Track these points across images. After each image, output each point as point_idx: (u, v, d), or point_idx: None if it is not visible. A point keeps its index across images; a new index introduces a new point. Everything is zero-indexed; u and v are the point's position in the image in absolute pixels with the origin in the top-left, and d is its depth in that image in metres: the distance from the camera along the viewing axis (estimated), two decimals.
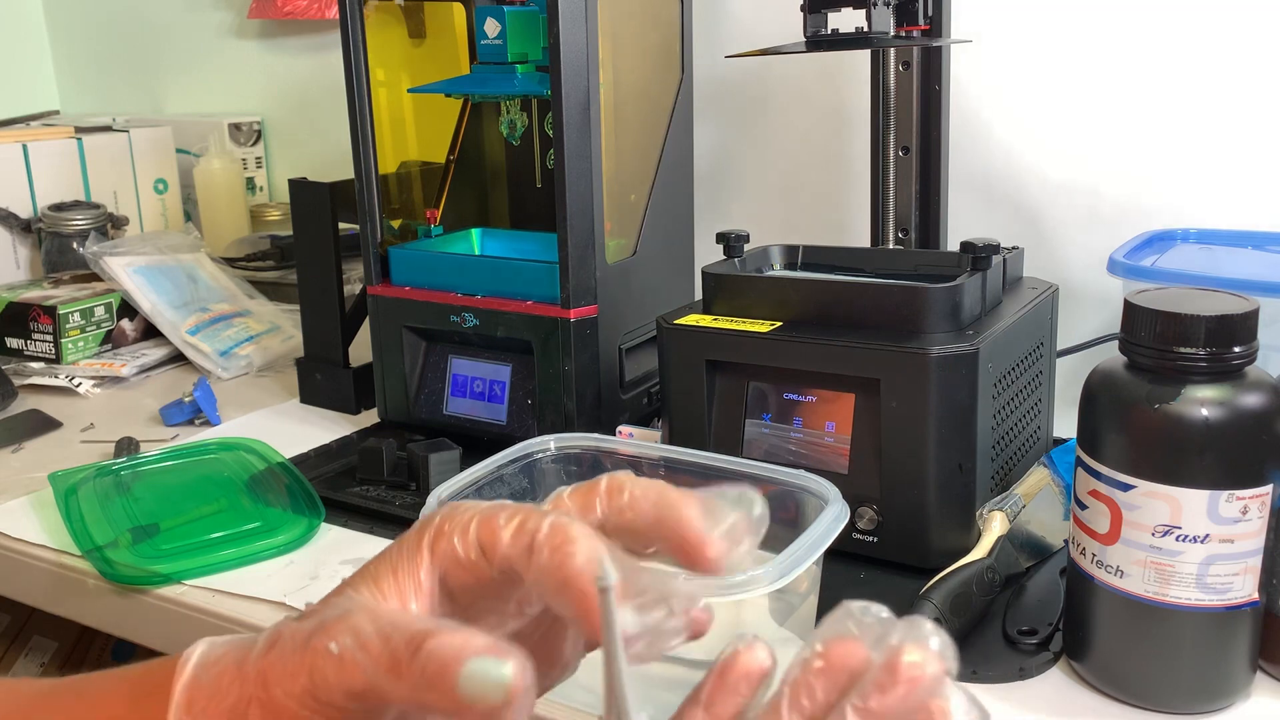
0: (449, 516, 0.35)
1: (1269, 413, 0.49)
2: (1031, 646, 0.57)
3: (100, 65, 1.64)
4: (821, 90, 1.02)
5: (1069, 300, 0.84)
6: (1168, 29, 0.87)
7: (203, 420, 0.95)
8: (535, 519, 0.34)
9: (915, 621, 0.31)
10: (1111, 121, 0.90)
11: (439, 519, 0.35)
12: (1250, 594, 0.50)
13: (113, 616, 0.69)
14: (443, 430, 0.85)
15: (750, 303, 0.70)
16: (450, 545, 0.34)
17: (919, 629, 0.31)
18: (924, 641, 0.31)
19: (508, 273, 0.84)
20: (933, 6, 0.77)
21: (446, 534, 0.35)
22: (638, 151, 0.86)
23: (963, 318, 0.66)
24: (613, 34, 0.80)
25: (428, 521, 0.35)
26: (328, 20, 1.36)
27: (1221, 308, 0.49)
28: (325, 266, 0.95)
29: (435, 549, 0.35)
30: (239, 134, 1.46)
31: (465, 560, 0.34)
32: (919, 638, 0.31)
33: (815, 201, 1.04)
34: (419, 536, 0.35)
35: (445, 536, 0.35)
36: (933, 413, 0.62)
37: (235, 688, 0.33)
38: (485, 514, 0.35)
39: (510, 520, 0.34)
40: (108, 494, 0.76)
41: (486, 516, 0.34)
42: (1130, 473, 0.50)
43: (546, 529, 0.33)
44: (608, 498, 0.37)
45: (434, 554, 0.35)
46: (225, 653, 0.34)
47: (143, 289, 1.12)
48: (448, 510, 0.36)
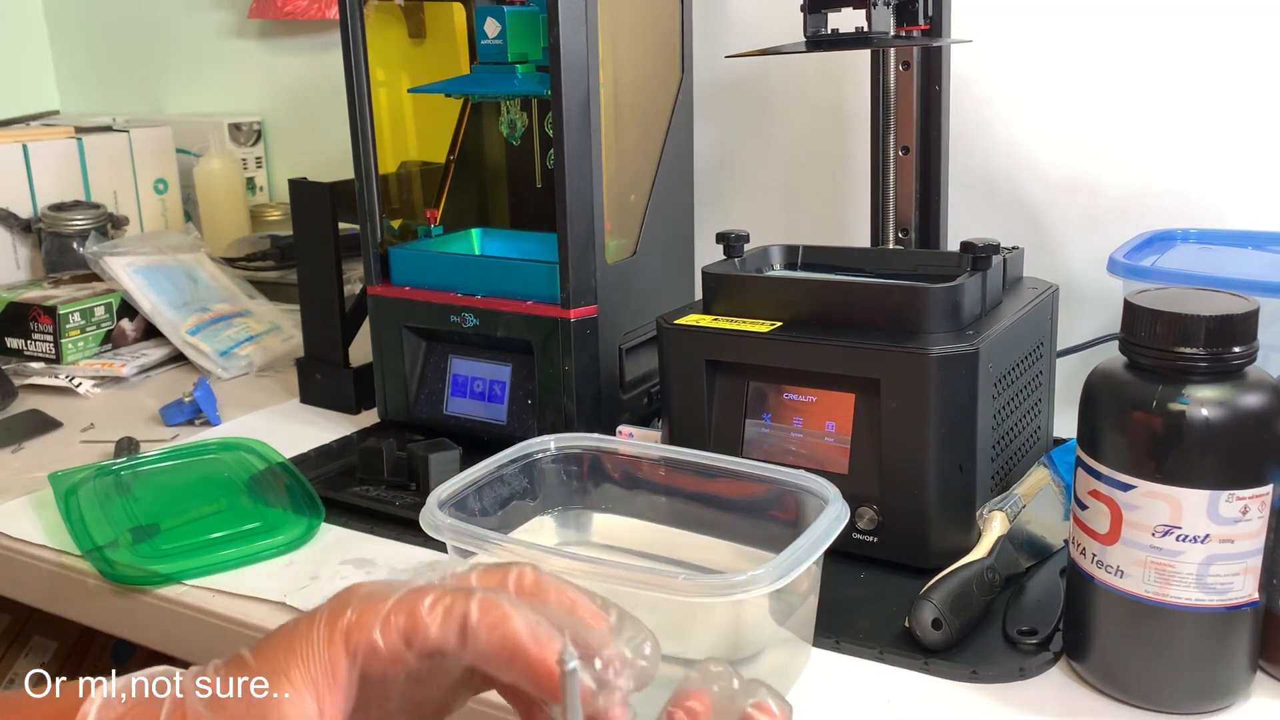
0: (363, 607, 0.35)
1: (1269, 413, 0.49)
2: (1032, 647, 0.57)
3: (100, 65, 1.64)
4: (821, 90, 1.02)
5: (1069, 300, 0.84)
6: (1168, 29, 0.87)
7: (203, 420, 0.95)
8: (460, 601, 0.34)
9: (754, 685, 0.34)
10: (1111, 121, 0.90)
11: (352, 611, 0.35)
12: (1250, 594, 0.50)
13: (113, 616, 0.69)
14: (443, 430, 0.85)
15: (750, 303, 0.70)
16: (369, 637, 0.34)
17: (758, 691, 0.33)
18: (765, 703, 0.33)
19: (508, 273, 0.84)
20: (933, 6, 0.77)
21: (364, 626, 0.35)
22: (638, 151, 0.86)
23: (963, 318, 0.66)
24: (613, 34, 0.80)
25: (337, 610, 0.35)
26: (328, 20, 1.36)
27: (1222, 308, 0.49)
28: (325, 266, 0.95)
29: (351, 640, 0.34)
30: (239, 134, 1.46)
31: (387, 652, 0.34)
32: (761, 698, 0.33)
33: (815, 201, 1.04)
34: (330, 627, 0.35)
35: (363, 629, 0.34)
36: (933, 413, 0.62)
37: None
38: (405, 603, 0.35)
39: (435, 606, 0.34)
40: (108, 494, 0.76)
41: (407, 605, 0.34)
42: (1130, 473, 0.50)
43: (476, 609, 0.34)
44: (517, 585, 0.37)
45: (349, 645, 0.34)
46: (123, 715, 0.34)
47: (143, 289, 1.12)
48: (359, 599, 0.35)
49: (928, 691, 0.55)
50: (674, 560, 0.61)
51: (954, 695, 0.54)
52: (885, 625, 0.60)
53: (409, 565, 0.68)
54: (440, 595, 0.35)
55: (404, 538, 0.71)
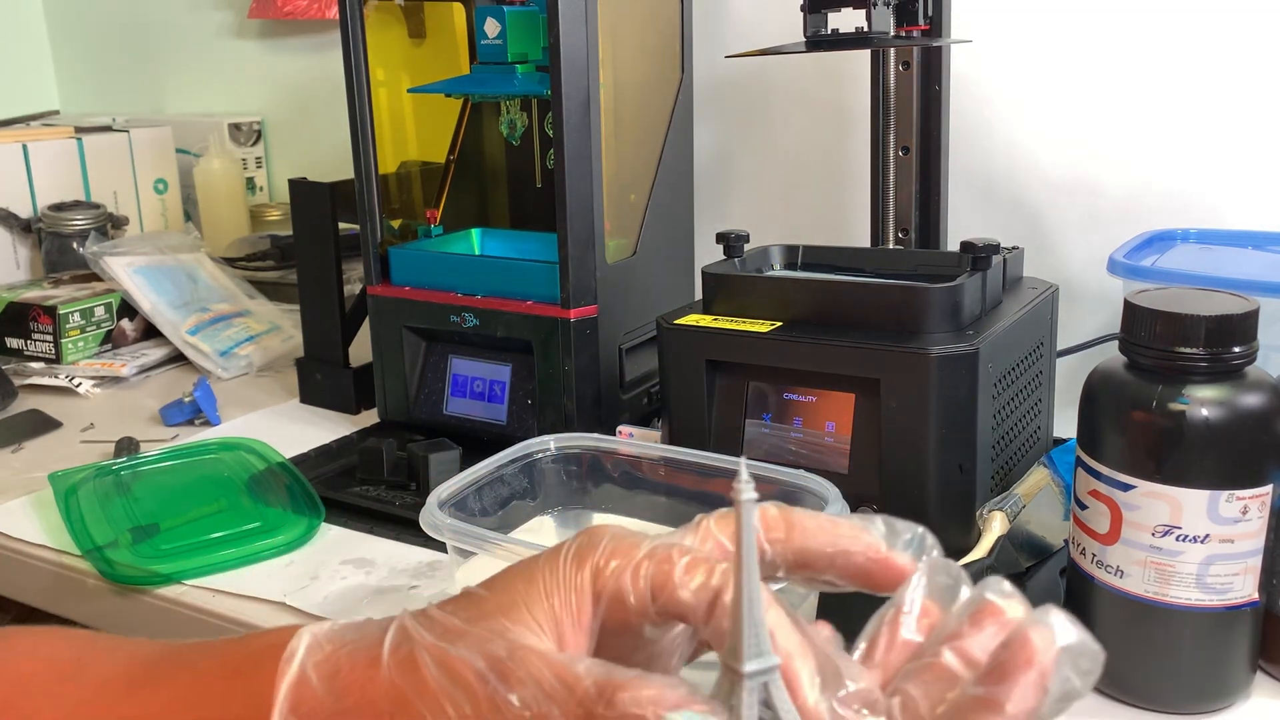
0: (615, 550, 0.33)
1: (1269, 413, 0.49)
2: None
3: (100, 65, 1.64)
4: (821, 90, 1.02)
5: (1069, 300, 0.84)
6: (1168, 28, 0.87)
7: (203, 420, 0.95)
8: (718, 574, 0.31)
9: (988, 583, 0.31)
10: (1112, 121, 0.90)
11: (603, 553, 0.33)
12: (1250, 594, 0.50)
13: (113, 617, 0.69)
14: (443, 430, 0.85)
15: (750, 303, 0.70)
16: (618, 585, 0.32)
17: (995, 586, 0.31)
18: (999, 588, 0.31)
19: (508, 273, 0.84)
20: (933, 6, 0.77)
21: (614, 572, 0.32)
22: (638, 151, 0.86)
23: (963, 318, 0.66)
24: (613, 34, 0.80)
25: (588, 548, 0.33)
26: (328, 20, 1.36)
27: (1221, 308, 0.49)
28: (325, 266, 0.95)
29: (599, 584, 0.32)
30: (239, 134, 1.46)
31: (632, 604, 0.32)
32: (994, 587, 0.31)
33: (815, 201, 1.04)
34: (578, 566, 0.32)
35: (613, 575, 0.32)
36: (933, 413, 0.62)
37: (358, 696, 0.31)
38: (658, 555, 0.32)
39: (692, 569, 0.32)
40: (108, 494, 0.76)
41: (660, 558, 0.32)
42: (1130, 473, 0.50)
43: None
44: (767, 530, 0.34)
45: (597, 590, 0.32)
46: (339, 653, 0.33)
47: (143, 289, 1.12)
48: (611, 539, 0.33)
49: None
50: None
51: None
52: None
53: (408, 566, 0.68)
54: (697, 559, 0.32)
55: (404, 538, 0.71)
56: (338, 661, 0.33)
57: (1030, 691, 0.27)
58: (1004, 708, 0.27)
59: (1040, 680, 0.27)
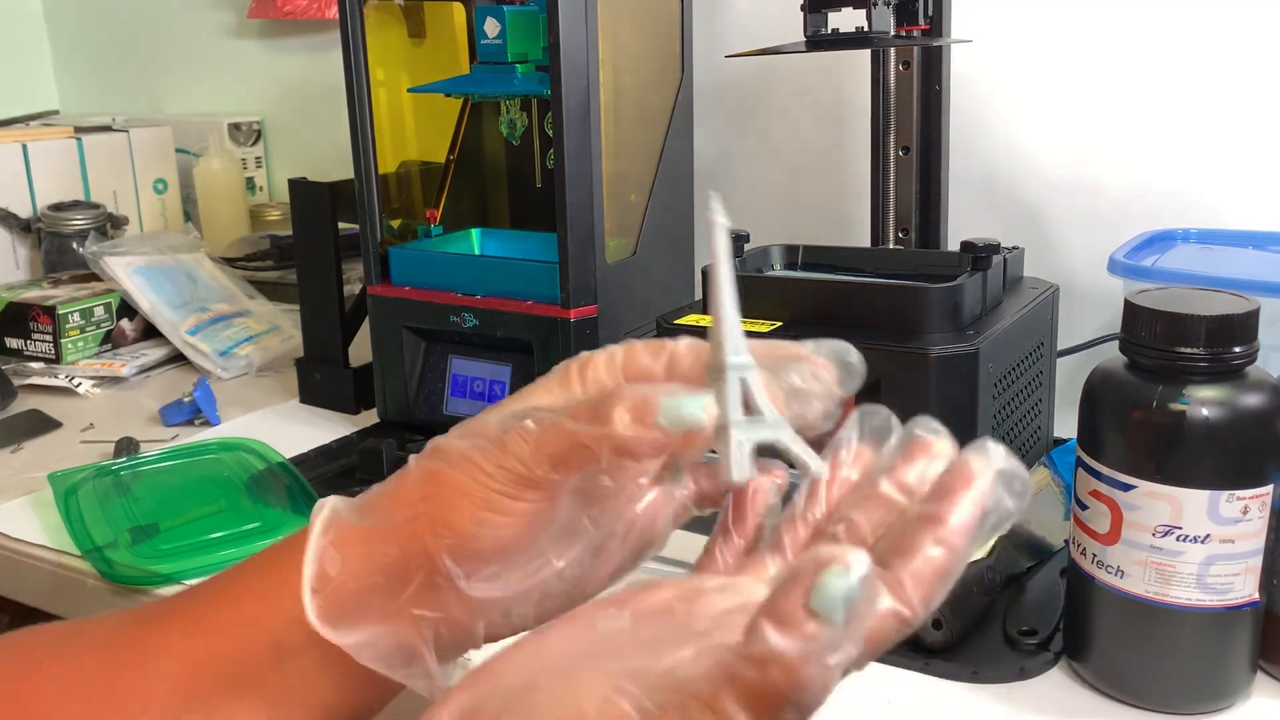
0: (590, 354, 0.36)
1: (1269, 413, 0.48)
2: (1032, 647, 0.57)
3: (100, 65, 1.64)
4: (822, 90, 1.02)
5: (1069, 300, 0.84)
6: (1169, 27, 0.87)
7: (202, 420, 0.95)
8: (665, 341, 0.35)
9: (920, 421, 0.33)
10: (1112, 121, 0.90)
11: (582, 356, 0.36)
12: (1251, 594, 0.50)
13: None
14: (443, 430, 0.83)
15: (751, 303, 0.70)
16: (596, 373, 0.35)
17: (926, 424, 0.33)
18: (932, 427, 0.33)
19: (507, 272, 0.84)
20: (933, 6, 0.77)
21: (593, 364, 0.36)
22: (638, 151, 0.86)
23: (963, 318, 0.66)
24: (613, 34, 0.80)
25: (571, 360, 0.36)
26: (327, 20, 1.36)
27: (1222, 308, 0.49)
28: (325, 266, 0.95)
29: (584, 376, 0.36)
30: (239, 134, 1.46)
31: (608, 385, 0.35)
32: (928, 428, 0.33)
33: (815, 201, 1.04)
34: (566, 369, 0.36)
35: (591, 365, 0.36)
36: (933, 413, 0.61)
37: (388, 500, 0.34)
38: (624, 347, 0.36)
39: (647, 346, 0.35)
40: (107, 494, 0.76)
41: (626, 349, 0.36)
42: (1131, 473, 0.50)
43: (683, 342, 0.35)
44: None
45: (582, 380, 0.35)
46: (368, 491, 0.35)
47: (142, 289, 1.12)
48: (587, 352, 0.36)
49: (928, 692, 0.55)
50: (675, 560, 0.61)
51: (954, 695, 0.54)
52: None
53: None
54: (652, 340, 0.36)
55: None
56: (367, 496, 0.35)
57: (969, 508, 0.29)
58: (946, 521, 0.29)
59: (979, 498, 0.29)
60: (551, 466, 0.32)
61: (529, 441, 0.32)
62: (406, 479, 0.34)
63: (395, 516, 0.34)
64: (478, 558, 0.33)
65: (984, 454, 0.30)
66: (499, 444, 0.33)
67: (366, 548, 0.34)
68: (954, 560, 0.29)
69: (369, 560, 0.34)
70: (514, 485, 0.32)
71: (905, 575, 0.28)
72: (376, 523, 0.34)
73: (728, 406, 0.32)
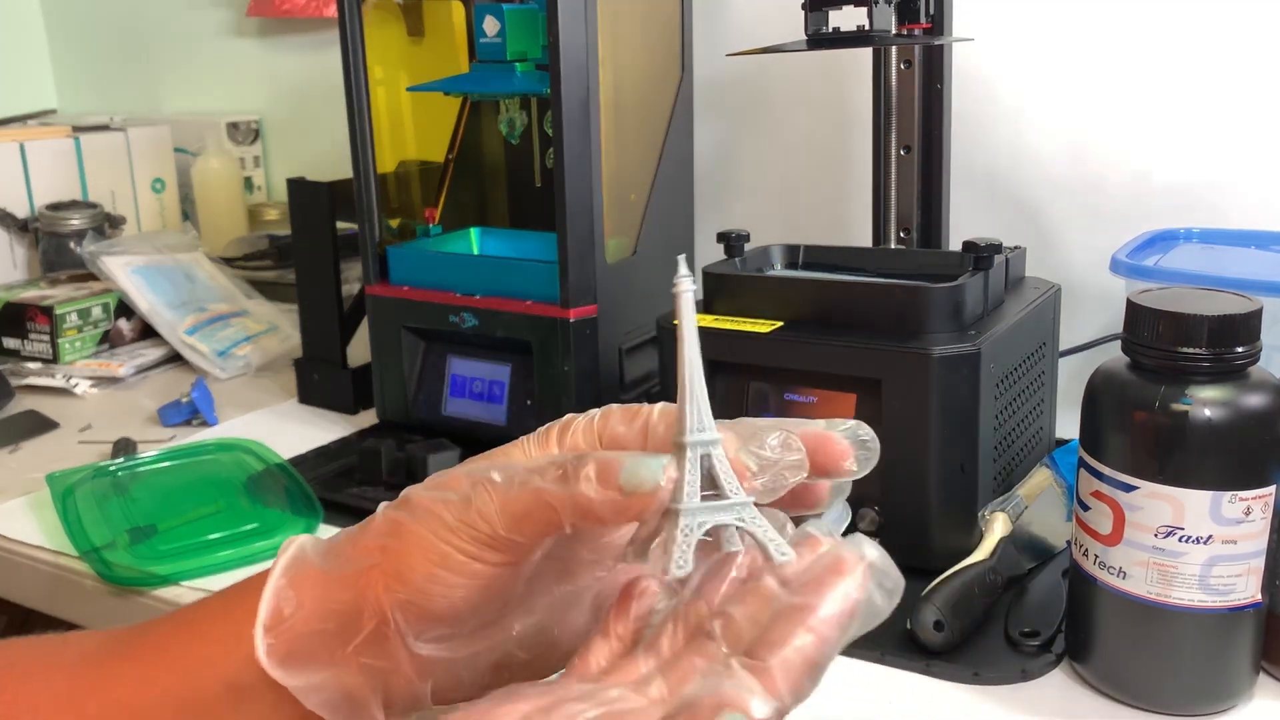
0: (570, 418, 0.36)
1: (1272, 413, 0.48)
2: (1034, 648, 0.57)
3: (98, 64, 1.64)
4: (823, 89, 1.01)
5: (1071, 300, 0.84)
6: (1171, 27, 0.87)
7: (200, 421, 0.95)
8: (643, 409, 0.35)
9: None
10: (1114, 121, 0.90)
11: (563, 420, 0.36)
12: (1253, 595, 0.50)
13: (110, 618, 0.69)
14: (442, 431, 0.84)
15: (751, 303, 0.70)
16: (574, 440, 0.35)
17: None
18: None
19: (507, 272, 0.83)
20: (934, 5, 0.77)
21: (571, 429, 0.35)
22: (638, 151, 0.86)
23: (965, 318, 0.65)
24: (613, 33, 0.80)
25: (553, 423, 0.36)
26: (326, 19, 1.36)
27: (1224, 308, 0.49)
28: (323, 266, 0.95)
29: (561, 441, 0.35)
30: (237, 133, 1.46)
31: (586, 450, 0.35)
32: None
33: (816, 201, 1.04)
34: (547, 431, 0.36)
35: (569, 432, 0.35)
36: (934, 413, 0.62)
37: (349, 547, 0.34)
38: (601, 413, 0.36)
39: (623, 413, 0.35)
40: (105, 495, 0.76)
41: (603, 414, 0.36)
42: (1133, 473, 0.49)
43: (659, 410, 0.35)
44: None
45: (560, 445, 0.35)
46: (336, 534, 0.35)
47: (140, 289, 1.12)
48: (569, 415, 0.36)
49: (929, 693, 0.54)
50: None
51: (956, 697, 0.54)
52: (886, 627, 0.58)
53: None
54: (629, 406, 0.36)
55: None
56: (335, 539, 0.35)
57: (839, 602, 0.29)
58: (816, 611, 0.29)
59: (848, 591, 0.29)
60: (514, 525, 0.31)
61: (494, 497, 0.32)
62: (371, 527, 0.34)
63: (354, 563, 0.33)
64: (428, 616, 0.33)
65: (857, 547, 0.30)
66: (464, 498, 0.32)
67: (323, 591, 0.33)
68: (823, 650, 0.29)
69: (323, 604, 0.33)
70: (474, 543, 0.32)
71: (775, 664, 0.28)
72: (336, 568, 0.34)
73: (682, 488, 0.31)
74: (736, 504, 0.31)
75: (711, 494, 0.31)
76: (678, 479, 0.31)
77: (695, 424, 0.31)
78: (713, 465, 0.31)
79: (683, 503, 0.31)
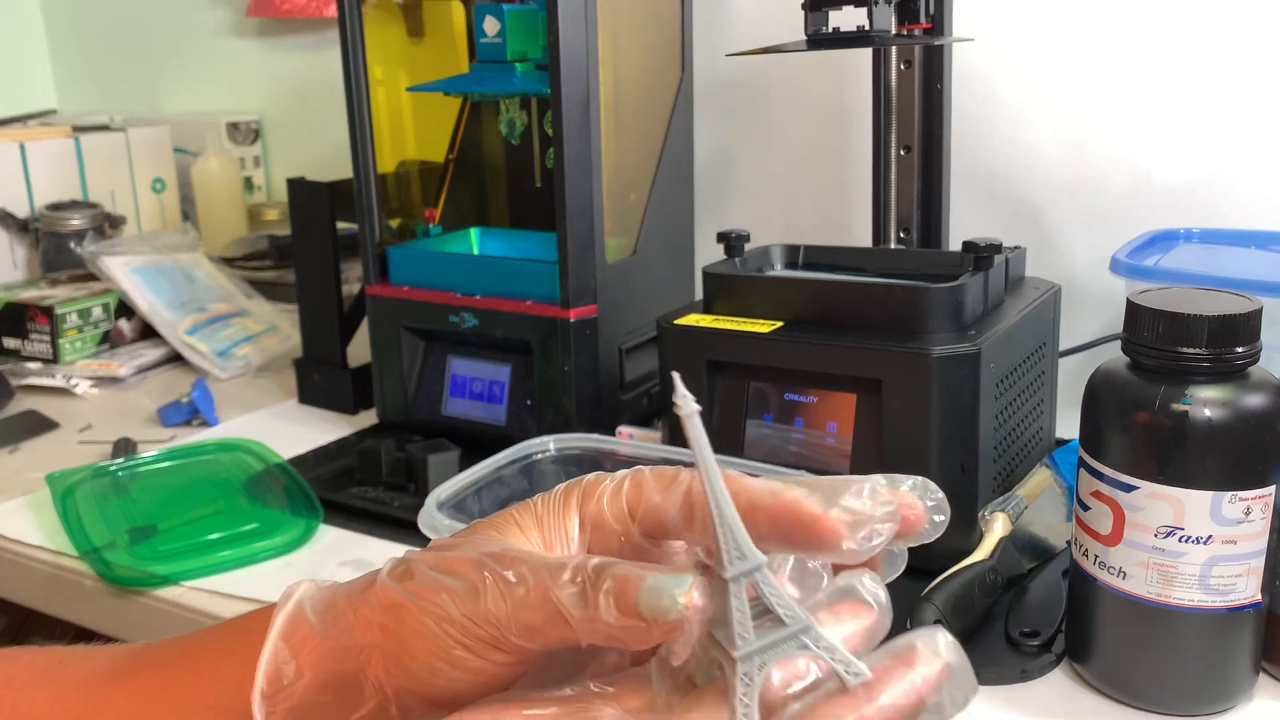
0: (595, 480, 0.34)
1: (1272, 413, 0.48)
2: (1034, 648, 0.57)
3: (98, 64, 1.64)
4: (822, 89, 1.01)
5: (1071, 300, 0.84)
6: (1171, 27, 0.87)
7: (200, 421, 0.95)
8: (684, 476, 0.33)
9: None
10: (1114, 121, 0.90)
11: (585, 484, 0.34)
12: (1253, 595, 0.50)
13: (110, 618, 0.69)
14: (441, 431, 0.84)
15: (751, 303, 0.70)
16: (599, 507, 0.33)
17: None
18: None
19: (507, 272, 0.83)
20: (934, 5, 0.77)
21: (593, 493, 0.34)
22: (638, 151, 0.86)
23: (965, 318, 0.65)
24: (613, 33, 0.80)
25: (572, 484, 0.34)
26: (326, 19, 1.36)
27: (1224, 308, 0.49)
28: (323, 266, 0.95)
29: (582, 510, 0.33)
30: (237, 133, 1.46)
31: (613, 524, 0.33)
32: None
33: (816, 201, 1.04)
34: (564, 497, 0.34)
35: (592, 495, 0.33)
36: (935, 413, 0.62)
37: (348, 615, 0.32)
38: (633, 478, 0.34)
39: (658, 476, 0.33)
40: (105, 495, 0.76)
41: (635, 478, 0.34)
42: (1133, 473, 0.49)
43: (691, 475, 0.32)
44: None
45: (582, 516, 0.33)
46: (336, 588, 0.33)
47: (140, 289, 1.12)
48: (593, 477, 0.34)
49: None
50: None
51: None
52: None
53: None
54: (667, 471, 0.33)
55: (402, 539, 0.71)
56: (334, 596, 0.33)
57: (902, 696, 0.27)
58: (875, 699, 0.27)
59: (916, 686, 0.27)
60: (526, 634, 0.30)
61: (507, 601, 0.29)
62: (372, 596, 0.32)
63: (353, 637, 0.32)
64: (429, 701, 0.31)
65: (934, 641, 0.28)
66: (472, 593, 0.30)
67: (322, 661, 0.32)
68: None
69: (323, 674, 0.32)
70: (479, 642, 0.30)
71: None
72: (335, 636, 0.32)
73: (733, 629, 0.28)
74: (797, 630, 0.28)
75: (766, 615, 0.29)
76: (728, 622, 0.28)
77: (733, 553, 0.29)
78: (762, 591, 0.29)
79: (738, 648, 0.28)
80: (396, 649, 0.31)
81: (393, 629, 0.31)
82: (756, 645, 0.28)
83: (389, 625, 0.31)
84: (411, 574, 0.31)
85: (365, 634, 0.31)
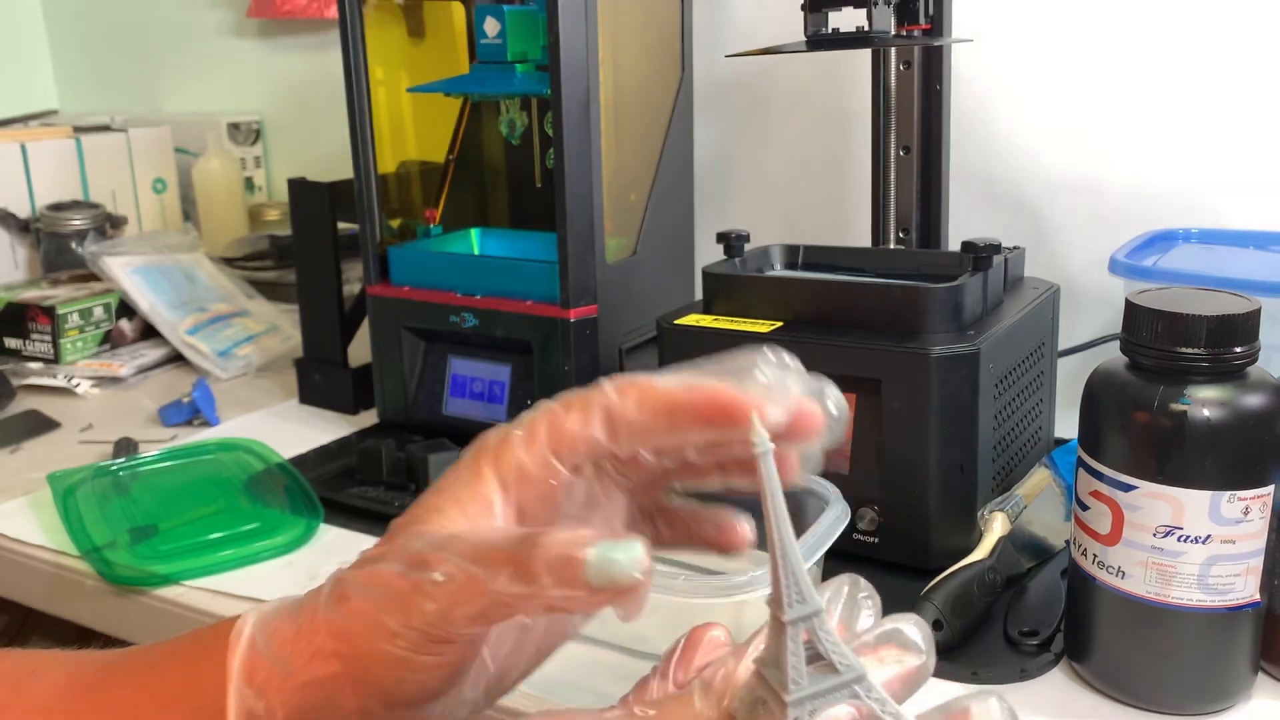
0: (501, 436, 0.34)
1: (1271, 413, 0.48)
2: (1033, 648, 0.57)
3: (99, 64, 1.64)
4: (822, 90, 1.02)
5: (1070, 300, 0.84)
6: (1170, 28, 0.87)
7: (201, 421, 0.95)
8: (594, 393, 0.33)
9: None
10: (1113, 121, 0.90)
11: (492, 441, 0.34)
12: (1252, 595, 0.50)
13: (111, 618, 0.69)
14: (442, 431, 0.84)
15: (751, 303, 0.70)
16: (514, 457, 0.33)
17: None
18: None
19: (507, 272, 0.83)
20: (934, 5, 0.77)
21: (505, 448, 0.33)
22: (638, 151, 0.86)
23: (964, 318, 0.65)
24: (613, 34, 0.80)
25: (478, 445, 0.34)
26: (327, 19, 1.36)
27: (1223, 308, 0.49)
28: (324, 266, 0.95)
29: (499, 468, 0.33)
30: (238, 133, 1.46)
31: (535, 468, 0.33)
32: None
33: (816, 201, 1.04)
34: (476, 463, 0.33)
35: (505, 451, 0.33)
36: (934, 413, 0.62)
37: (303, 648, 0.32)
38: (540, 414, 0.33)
39: (570, 408, 0.33)
40: (106, 495, 0.76)
41: (544, 415, 0.33)
42: (1132, 473, 0.50)
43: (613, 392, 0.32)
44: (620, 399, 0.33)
45: (500, 477, 0.33)
46: (281, 618, 0.33)
47: (141, 289, 1.12)
48: (496, 432, 0.34)
49: (928, 692, 0.54)
50: (674, 561, 0.61)
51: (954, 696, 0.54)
52: None
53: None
54: (571, 398, 0.33)
55: None
56: (281, 625, 0.33)
57: None
58: None
59: None
60: (470, 624, 0.30)
61: (437, 600, 0.30)
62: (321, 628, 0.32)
63: (313, 670, 0.32)
64: (406, 702, 0.32)
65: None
66: (403, 601, 0.30)
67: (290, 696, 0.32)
68: None
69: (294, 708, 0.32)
70: (432, 643, 0.31)
71: None
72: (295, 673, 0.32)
73: (786, 674, 0.28)
74: (851, 680, 0.28)
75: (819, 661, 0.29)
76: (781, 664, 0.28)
77: (793, 597, 0.28)
78: (818, 636, 0.29)
79: (790, 693, 0.28)
80: (360, 671, 0.31)
81: (349, 654, 0.31)
82: (809, 691, 0.28)
83: (344, 652, 0.31)
84: (347, 596, 0.32)
85: (325, 666, 0.32)
